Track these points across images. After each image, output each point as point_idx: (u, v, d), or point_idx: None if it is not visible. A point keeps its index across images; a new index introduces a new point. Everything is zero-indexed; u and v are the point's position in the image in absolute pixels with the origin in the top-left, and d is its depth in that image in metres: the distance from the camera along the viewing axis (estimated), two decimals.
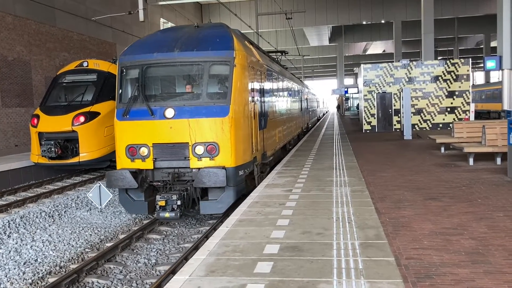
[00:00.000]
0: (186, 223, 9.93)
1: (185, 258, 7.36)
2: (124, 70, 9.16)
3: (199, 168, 8.40)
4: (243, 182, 9.12)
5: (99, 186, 10.38)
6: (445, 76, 25.28)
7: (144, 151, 8.67)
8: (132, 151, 8.76)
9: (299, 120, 23.21)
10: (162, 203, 8.29)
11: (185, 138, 8.51)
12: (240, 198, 9.09)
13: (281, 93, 15.51)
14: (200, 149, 8.47)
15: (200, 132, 8.47)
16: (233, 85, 8.71)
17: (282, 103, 15.61)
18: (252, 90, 9.94)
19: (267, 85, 12.35)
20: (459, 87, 25.21)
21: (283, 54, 21.31)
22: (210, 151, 8.47)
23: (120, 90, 9.14)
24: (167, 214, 8.32)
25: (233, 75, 8.74)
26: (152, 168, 8.69)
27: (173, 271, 6.76)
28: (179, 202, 8.31)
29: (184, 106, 8.58)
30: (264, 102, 11.56)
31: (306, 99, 28.35)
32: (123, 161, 8.84)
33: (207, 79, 8.74)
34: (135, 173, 8.53)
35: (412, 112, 24.86)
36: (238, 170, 8.67)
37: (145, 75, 8.96)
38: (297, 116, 21.66)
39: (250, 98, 9.60)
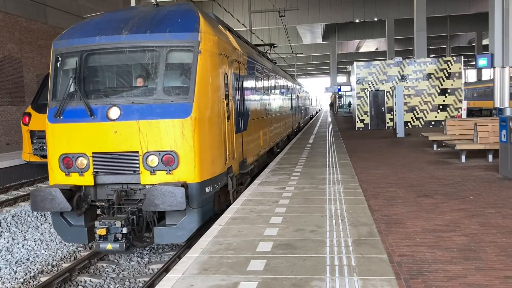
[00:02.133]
0: None
1: (178, 256, 7.35)
2: (59, 59, 7.34)
3: (152, 185, 6.62)
4: (212, 201, 7.36)
5: None
6: (437, 74, 25.40)
7: (82, 162, 6.87)
8: (67, 162, 6.93)
9: (290, 120, 21.52)
10: (102, 231, 6.40)
11: (134, 145, 6.72)
12: (209, 220, 7.59)
13: (267, 90, 13.97)
14: (153, 160, 6.69)
15: (153, 138, 6.69)
16: (198, 77, 6.91)
17: (268, 101, 14.05)
18: (227, 84, 8.18)
19: (249, 80, 10.66)
20: (452, 84, 25.35)
21: (272, 47, 19.92)
22: (166, 162, 6.67)
23: (54, 84, 7.34)
24: (109, 246, 6.44)
25: (198, 64, 6.93)
26: (93, 184, 6.86)
27: (166, 270, 6.74)
28: (125, 230, 6.40)
29: (132, 104, 6.80)
30: (244, 99, 9.85)
31: (298, 97, 27.23)
32: (56, 175, 7.03)
33: (163, 69, 6.93)
34: (71, 191, 6.75)
35: (404, 110, 24.97)
36: (205, 186, 6.96)
37: (84, 65, 7.16)
38: (287, 115, 19.93)
39: (223, 94, 7.84)
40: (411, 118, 25.61)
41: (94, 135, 6.84)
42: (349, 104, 59.36)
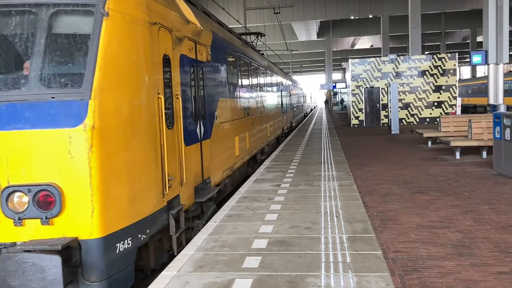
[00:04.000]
0: None
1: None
2: None
3: (15, 244, 4.06)
4: (132, 262, 4.54)
5: None
6: (432, 70, 25.48)
7: None
8: None
9: (279, 119, 18.87)
10: None
11: None
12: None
13: (248, 85, 11.60)
14: (20, 201, 4.08)
15: (19, 162, 4.08)
16: (103, 57, 4.23)
17: (249, 99, 11.60)
18: (168, 72, 5.54)
19: (217, 69, 8.12)
20: (446, 81, 25.43)
21: (259, 36, 18.26)
22: (43, 204, 4.05)
23: None
24: None
25: (104, 35, 4.27)
26: None
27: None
28: None
29: None
30: (206, 96, 7.31)
31: (291, 94, 25.54)
32: None
33: (42, 43, 4.24)
34: None
35: (399, 107, 25.04)
36: (115, 242, 4.25)
37: None
38: (275, 114, 17.28)
39: (158, 87, 5.14)
40: (406, 115, 25.68)
41: None
42: (342, 101, 59.45)
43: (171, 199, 5.42)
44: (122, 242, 4.35)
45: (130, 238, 4.45)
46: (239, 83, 10.37)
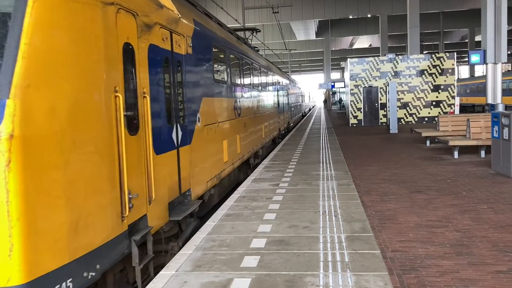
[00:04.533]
0: None
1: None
2: None
3: None
4: None
5: None
6: (430, 70, 25.51)
7: None
8: None
9: (275, 120, 17.85)
10: None
11: None
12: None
13: (238, 82, 10.45)
14: None
15: None
16: (29, 41, 3.18)
17: (241, 98, 10.57)
18: (131, 66, 4.59)
19: (200, 64, 7.18)
20: (444, 81, 25.47)
21: (254, 32, 17.53)
22: None
23: None
24: None
25: (29, 12, 3.22)
26: None
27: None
28: None
29: None
30: (186, 94, 6.35)
31: (288, 93, 24.62)
32: None
33: None
34: None
35: (398, 106, 25.08)
36: (48, 287, 3.24)
37: None
38: (270, 114, 16.22)
39: (116, 84, 4.18)
40: (404, 114, 25.72)
41: None
42: (340, 100, 59.47)
43: (133, 222, 4.46)
44: (58, 285, 3.33)
45: (70, 280, 3.44)
46: (229, 80, 9.32)
